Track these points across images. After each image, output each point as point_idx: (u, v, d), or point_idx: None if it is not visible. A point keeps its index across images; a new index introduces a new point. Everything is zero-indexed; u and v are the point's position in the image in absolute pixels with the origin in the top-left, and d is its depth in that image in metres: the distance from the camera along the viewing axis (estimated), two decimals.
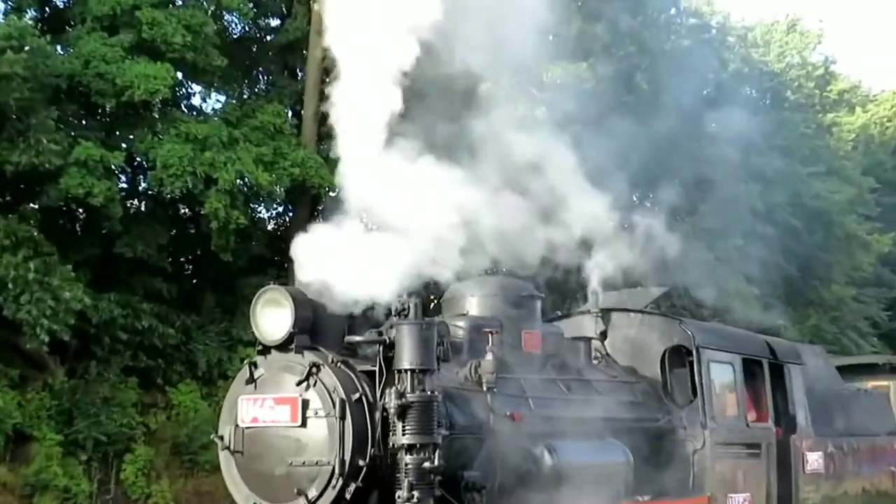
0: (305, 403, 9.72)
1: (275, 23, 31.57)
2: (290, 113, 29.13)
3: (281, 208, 30.18)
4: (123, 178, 26.43)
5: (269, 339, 10.05)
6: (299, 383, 9.78)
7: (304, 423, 9.70)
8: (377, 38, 9.69)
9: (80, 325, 22.84)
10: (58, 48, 24.28)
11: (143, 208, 27.17)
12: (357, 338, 10.02)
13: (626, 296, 14.87)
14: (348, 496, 9.55)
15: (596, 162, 13.15)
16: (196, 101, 28.87)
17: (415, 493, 9.42)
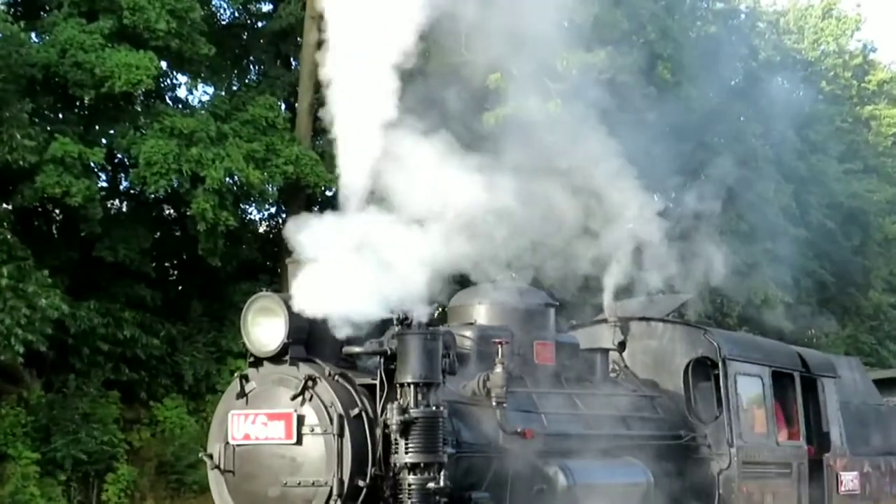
0: (301, 419, 9.74)
1: (267, 8, 31.69)
2: (283, 106, 29.23)
3: (273, 209, 30.28)
4: (103, 177, 26.56)
5: (261, 350, 10.07)
6: (294, 398, 9.80)
7: (299, 441, 9.72)
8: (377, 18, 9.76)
9: (57, 335, 22.88)
10: (32, 35, 24.33)
11: (124, 209, 27.26)
12: (356, 349, 10.02)
13: (646, 303, 14.91)
14: None
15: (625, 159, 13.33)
16: (182, 92, 28.90)
17: None
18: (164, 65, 25.73)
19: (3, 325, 21.32)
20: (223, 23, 30.73)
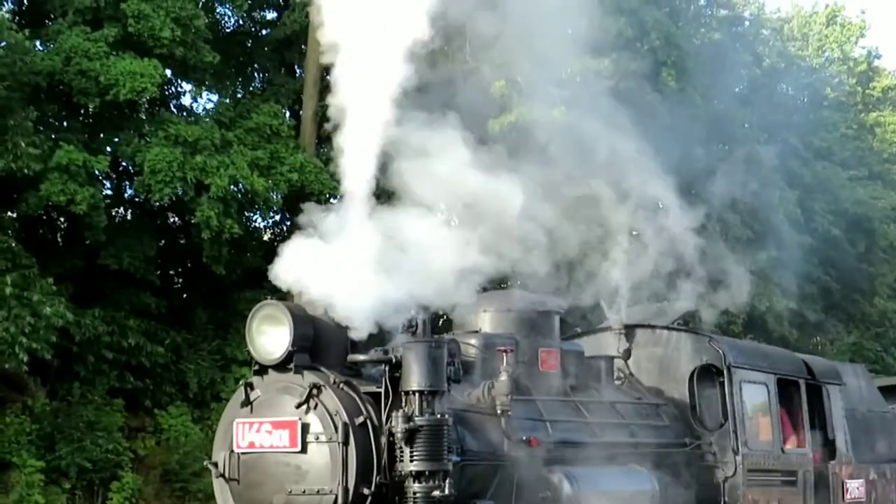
0: (305, 427, 9.74)
1: (271, 15, 31.72)
2: (287, 113, 29.23)
3: (278, 216, 30.26)
4: (108, 185, 26.54)
5: (266, 358, 10.08)
6: (299, 406, 9.80)
7: (304, 449, 9.73)
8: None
9: (62, 343, 22.89)
10: (37, 43, 24.39)
11: (129, 217, 27.27)
12: (361, 357, 10.02)
13: (651, 311, 14.90)
14: None
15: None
16: (186, 100, 29.13)
17: None
18: (168, 72, 25.77)
19: (8, 334, 21.30)
20: (227, 30, 30.76)
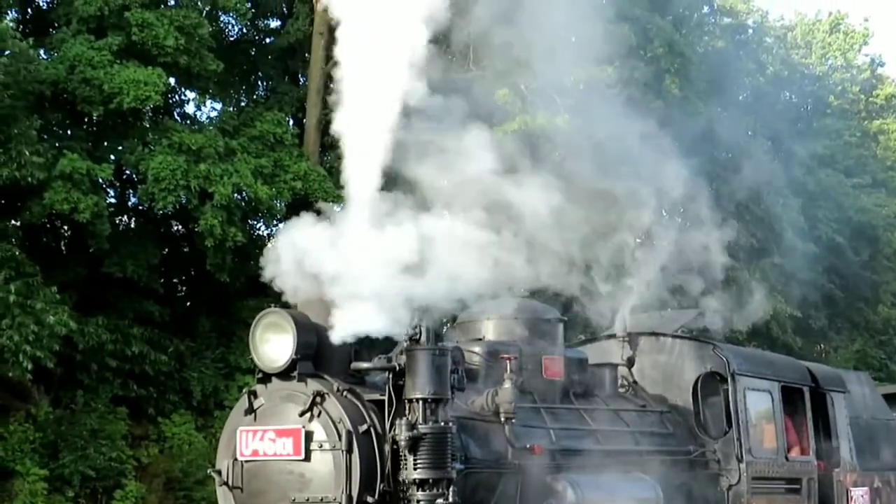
0: (309, 435, 9.74)
1: (274, 24, 31.77)
2: (291, 121, 29.23)
3: (282, 225, 30.24)
4: (112, 193, 26.58)
5: (269, 366, 10.08)
6: (302, 414, 9.80)
7: (307, 457, 9.73)
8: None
9: (65, 351, 22.87)
10: (41, 52, 24.40)
11: (132, 225, 27.27)
12: (364, 364, 10.02)
13: (655, 318, 14.90)
14: None
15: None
16: (190, 108, 29.05)
17: None
18: (172, 81, 25.74)
19: (12, 342, 21.31)
20: (231, 39, 30.79)
